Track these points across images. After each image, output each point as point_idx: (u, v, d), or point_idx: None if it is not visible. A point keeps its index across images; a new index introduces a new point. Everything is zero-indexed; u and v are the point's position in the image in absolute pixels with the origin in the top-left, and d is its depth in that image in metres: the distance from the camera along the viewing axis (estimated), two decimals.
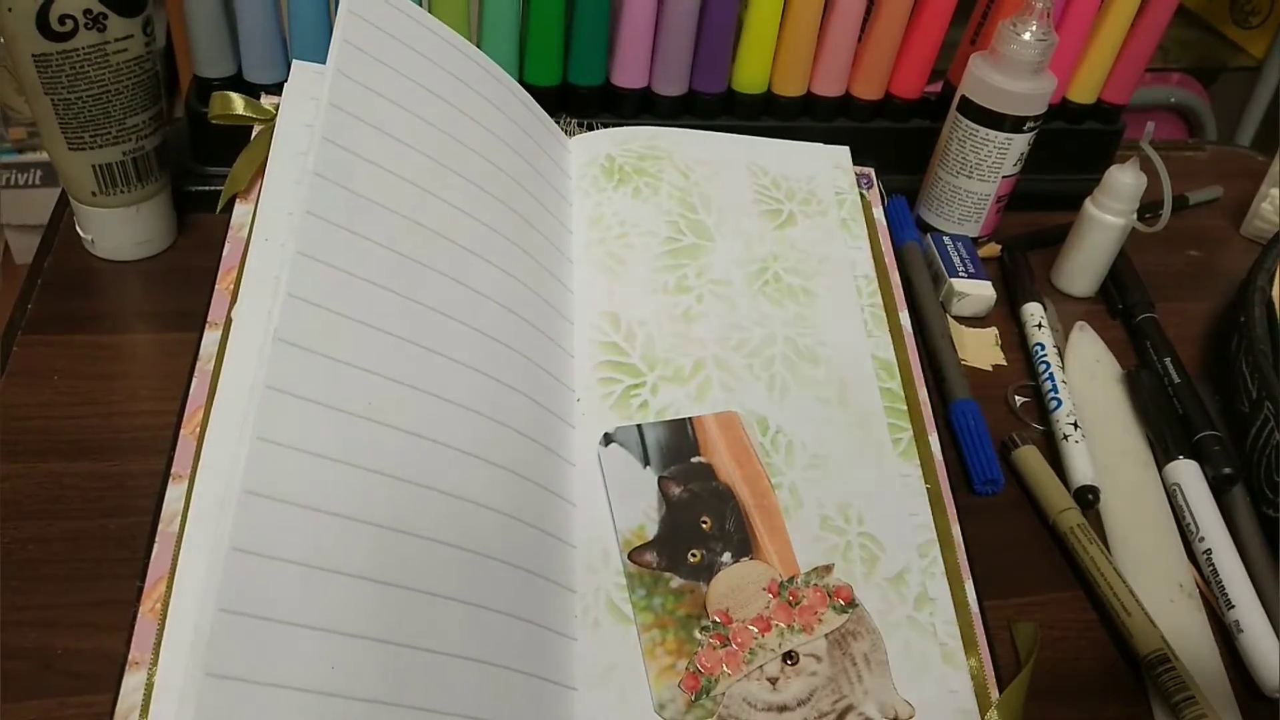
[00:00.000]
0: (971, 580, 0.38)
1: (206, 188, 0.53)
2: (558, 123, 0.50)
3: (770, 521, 0.38)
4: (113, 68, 0.45)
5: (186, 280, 0.50)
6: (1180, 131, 1.29)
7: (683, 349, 0.42)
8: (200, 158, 0.54)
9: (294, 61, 0.41)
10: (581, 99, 0.55)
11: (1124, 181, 0.54)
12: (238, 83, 0.53)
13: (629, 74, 0.55)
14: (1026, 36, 0.51)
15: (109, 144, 0.47)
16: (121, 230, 0.50)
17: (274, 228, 0.37)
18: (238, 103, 0.43)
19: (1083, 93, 0.60)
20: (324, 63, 0.42)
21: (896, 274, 0.47)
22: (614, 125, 0.49)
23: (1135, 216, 0.55)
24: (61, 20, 0.43)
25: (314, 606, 0.28)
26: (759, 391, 0.41)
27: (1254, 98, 1.34)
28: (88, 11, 0.43)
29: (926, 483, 0.40)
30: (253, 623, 0.27)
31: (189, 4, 0.50)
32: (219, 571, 0.27)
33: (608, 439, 0.39)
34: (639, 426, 0.39)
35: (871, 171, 0.50)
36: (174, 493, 0.32)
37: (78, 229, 0.50)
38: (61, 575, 0.37)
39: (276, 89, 0.43)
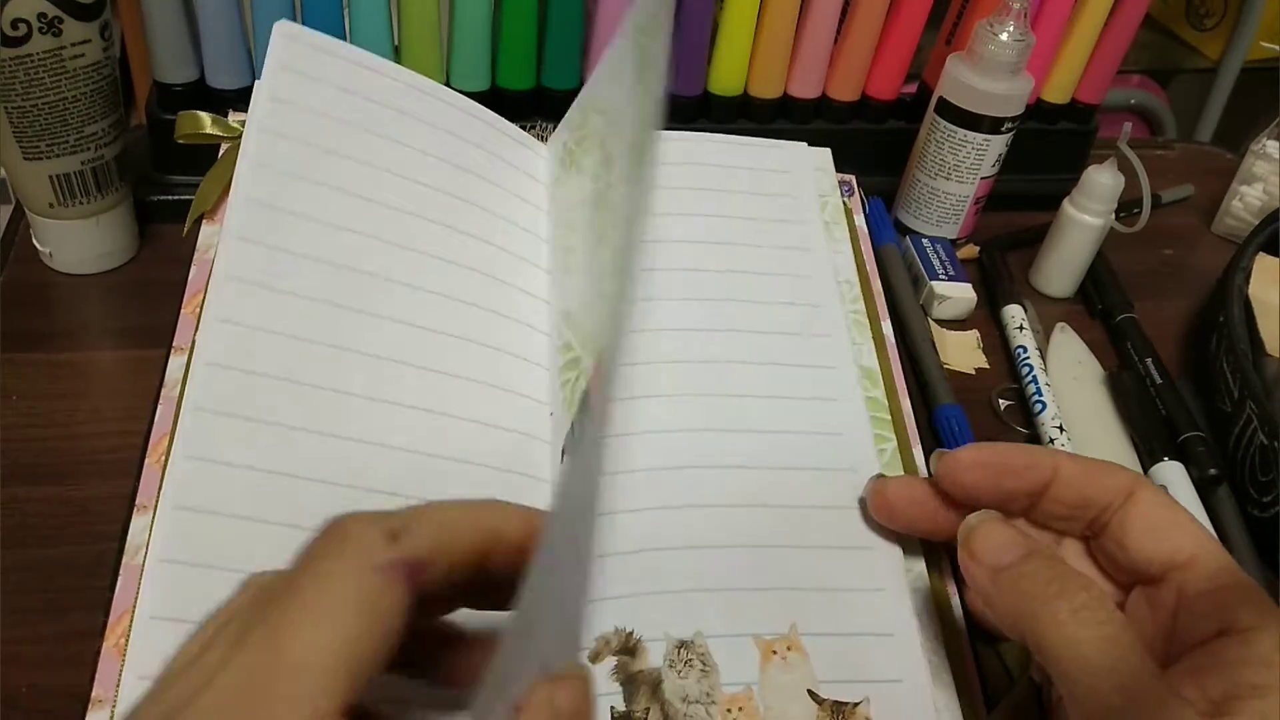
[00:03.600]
0: (959, 595, 0.37)
1: (169, 197, 0.52)
2: (532, 127, 0.49)
3: None
4: (69, 74, 0.43)
5: (150, 294, 0.48)
6: (1142, 132, 1.31)
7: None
8: (161, 166, 0.52)
9: (254, 85, 0.40)
10: (556, 102, 0.54)
11: (1102, 182, 0.53)
12: (200, 88, 0.51)
13: None
14: (1004, 37, 0.51)
15: (67, 153, 0.45)
16: (81, 242, 0.48)
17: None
18: (205, 121, 0.41)
19: (1057, 93, 0.60)
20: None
21: (878, 282, 0.47)
22: None
23: (1113, 216, 0.55)
24: (14, 25, 0.41)
25: None
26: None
27: (1210, 98, 1.36)
28: (42, 15, 0.41)
29: None
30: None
31: (147, 6, 0.48)
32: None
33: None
34: None
35: (853, 179, 0.50)
36: (139, 523, 0.31)
37: (34, 242, 0.48)
38: (25, 607, 0.35)
39: (241, 94, 0.42)
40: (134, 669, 0.29)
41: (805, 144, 0.50)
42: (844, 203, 0.48)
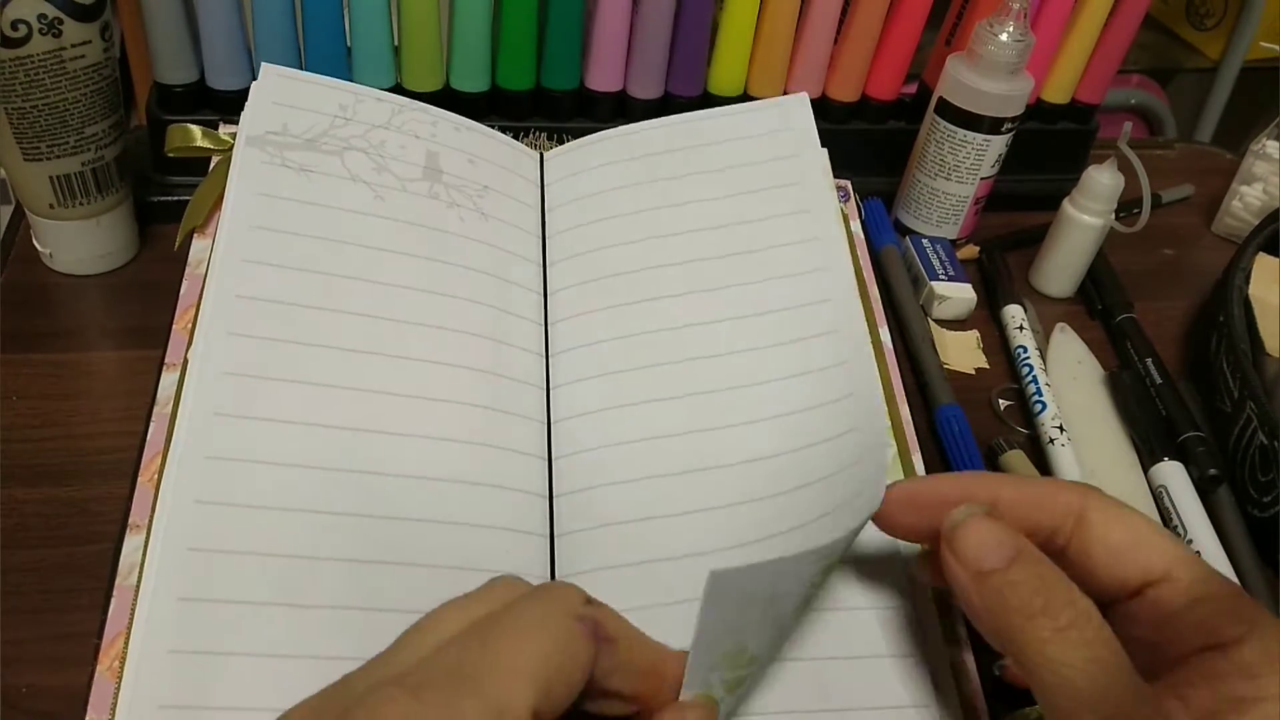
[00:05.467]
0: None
1: (169, 198, 0.52)
2: (527, 135, 0.49)
3: None
4: (69, 75, 0.43)
5: (150, 294, 0.48)
6: (1142, 132, 1.31)
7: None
8: (161, 167, 0.52)
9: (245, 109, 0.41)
10: (555, 103, 0.54)
11: (1102, 182, 0.53)
12: (200, 88, 0.51)
13: (604, 77, 0.54)
14: (1004, 37, 0.51)
15: (67, 154, 0.45)
16: (81, 243, 0.48)
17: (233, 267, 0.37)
18: (196, 134, 0.41)
19: (1057, 93, 0.60)
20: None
21: (875, 289, 0.46)
22: (588, 130, 0.48)
23: (1113, 216, 0.55)
24: (14, 26, 0.41)
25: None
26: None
27: (1210, 98, 1.36)
28: (42, 16, 0.41)
29: None
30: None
31: (148, 7, 0.48)
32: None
33: None
34: None
35: (848, 184, 0.50)
36: (132, 543, 0.31)
37: (35, 243, 0.48)
38: (25, 608, 0.35)
39: (241, 95, 0.42)
40: (152, 698, 0.28)
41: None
42: (840, 208, 0.48)
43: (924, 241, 0.56)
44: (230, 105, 0.50)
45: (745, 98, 0.57)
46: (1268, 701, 0.24)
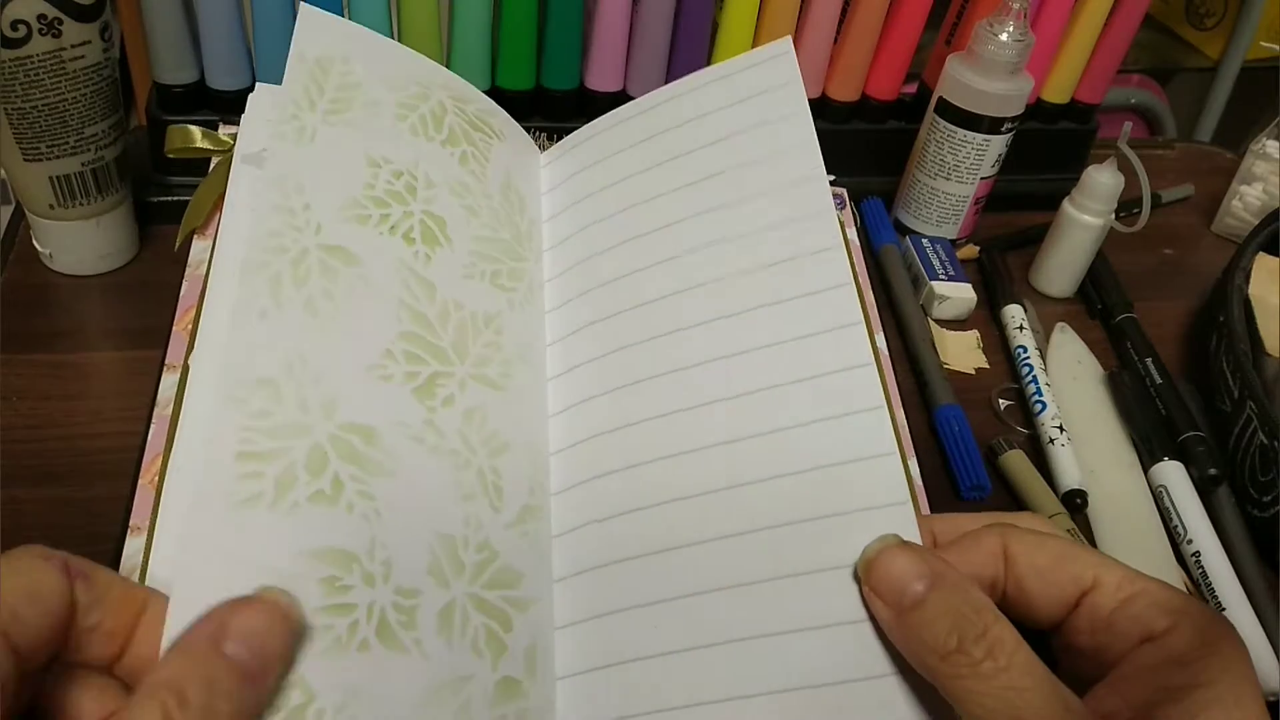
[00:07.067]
0: None
1: (169, 198, 0.52)
2: (528, 132, 0.49)
3: None
4: (69, 75, 0.43)
5: (150, 295, 0.48)
6: (1142, 132, 1.31)
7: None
8: (161, 167, 0.52)
9: (254, 89, 0.40)
10: (555, 103, 0.54)
11: (1102, 181, 0.53)
12: (200, 89, 0.51)
13: (603, 77, 0.54)
14: (1004, 37, 0.51)
15: (67, 154, 0.45)
16: (81, 244, 0.48)
17: (234, 270, 0.36)
18: (195, 135, 0.41)
19: (1057, 93, 0.60)
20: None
21: (871, 295, 0.46)
22: None
23: (1113, 216, 0.55)
24: (14, 26, 0.41)
25: None
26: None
27: (1210, 98, 1.36)
28: (42, 17, 0.41)
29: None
30: None
31: (147, 8, 0.48)
32: None
33: None
34: None
35: (844, 192, 0.50)
36: (133, 545, 0.31)
37: (35, 243, 0.48)
38: None
39: (241, 95, 0.42)
40: None
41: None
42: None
43: (924, 241, 0.56)
44: (230, 105, 0.50)
45: None
46: (1200, 689, 0.24)
